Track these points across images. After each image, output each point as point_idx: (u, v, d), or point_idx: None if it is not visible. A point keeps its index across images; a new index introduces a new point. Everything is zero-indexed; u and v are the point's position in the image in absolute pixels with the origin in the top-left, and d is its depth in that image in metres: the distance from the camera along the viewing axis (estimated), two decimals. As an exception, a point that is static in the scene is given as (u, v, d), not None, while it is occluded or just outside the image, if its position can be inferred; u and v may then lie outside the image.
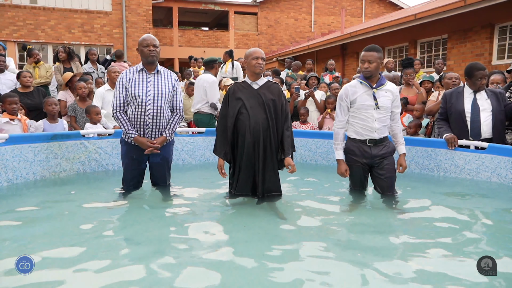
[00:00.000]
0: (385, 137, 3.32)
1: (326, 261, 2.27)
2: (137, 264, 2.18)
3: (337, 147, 3.37)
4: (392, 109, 3.30)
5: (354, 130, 3.32)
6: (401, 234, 2.68)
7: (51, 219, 2.99)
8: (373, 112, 3.22)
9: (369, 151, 3.29)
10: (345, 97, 3.30)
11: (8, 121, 4.43)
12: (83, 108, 5.16)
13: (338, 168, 3.38)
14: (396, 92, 3.31)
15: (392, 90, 3.28)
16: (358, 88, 3.27)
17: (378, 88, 3.23)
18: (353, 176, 3.43)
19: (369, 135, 3.27)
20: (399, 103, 3.35)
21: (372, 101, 3.22)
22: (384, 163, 3.32)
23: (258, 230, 2.77)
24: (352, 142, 3.35)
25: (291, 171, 3.27)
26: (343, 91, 3.32)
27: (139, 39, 3.42)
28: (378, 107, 3.21)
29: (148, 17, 16.03)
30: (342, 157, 3.37)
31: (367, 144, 3.28)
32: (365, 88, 3.24)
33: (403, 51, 12.19)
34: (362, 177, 3.42)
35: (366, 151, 3.29)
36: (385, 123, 3.28)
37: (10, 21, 14.30)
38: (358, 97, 3.24)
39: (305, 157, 5.20)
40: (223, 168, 3.34)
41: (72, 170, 4.38)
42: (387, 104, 3.24)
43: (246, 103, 3.24)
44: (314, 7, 21.31)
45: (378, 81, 3.25)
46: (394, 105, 3.30)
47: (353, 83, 3.34)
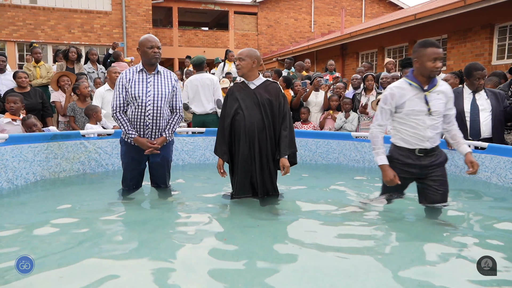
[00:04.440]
0: (437, 146, 2.86)
1: (325, 261, 2.27)
2: (137, 264, 2.18)
3: (378, 151, 2.87)
4: (446, 112, 2.82)
5: (402, 137, 2.85)
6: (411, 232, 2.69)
7: (50, 219, 2.98)
8: (425, 119, 2.74)
9: (418, 161, 2.83)
10: (390, 99, 2.79)
11: (10, 121, 4.43)
12: (82, 108, 5.16)
13: (385, 175, 2.84)
14: (450, 92, 2.84)
15: (445, 91, 2.80)
16: (407, 91, 2.76)
17: (431, 90, 2.75)
18: (390, 187, 2.97)
19: (420, 145, 2.80)
20: (452, 105, 2.87)
21: (423, 105, 2.73)
22: (436, 174, 2.86)
23: (258, 230, 2.77)
24: (398, 150, 2.89)
25: (284, 173, 3.20)
26: (389, 93, 2.80)
27: (140, 39, 3.40)
28: (431, 113, 2.73)
29: (148, 17, 16.03)
30: (386, 162, 2.85)
31: (416, 154, 2.83)
32: (415, 91, 2.75)
33: (403, 51, 12.19)
34: (405, 186, 3.01)
35: (414, 162, 2.83)
36: (438, 130, 2.81)
37: (10, 21, 14.29)
38: (407, 101, 2.75)
39: (305, 157, 5.20)
40: (222, 168, 3.32)
41: (72, 170, 4.38)
42: (440, 108, 2.76)
43: (242, 104, 3.23)
44: (314, 7, 21.30)
45: (431, 81, 2.76)
46: (447, 107, 2.82)
47: (400, 84, 2.81)
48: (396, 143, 2.90)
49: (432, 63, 2.65)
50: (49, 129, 4.73)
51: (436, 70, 2.66)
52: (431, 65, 2.65)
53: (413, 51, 2.77)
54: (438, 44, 2.71)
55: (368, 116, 5.76)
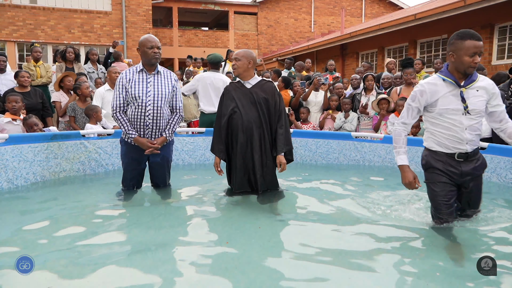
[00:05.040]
0: (477, 148, 2.58)
1: (326, 261, 2.27)
2: (136, 265, 2.18)
3: (399, 150, 2.61)
4: (492, 109, 2.51)
5: (436, 140, 2.55)
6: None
7: (51, 219, 2.98)
8: (461, 119, 2.45)
9: (459, 167, 2.53)
10: (419, 97, 2.51)
11: (10, 121, 4.43)
12: (82, 108, 5.16)
13: (403, 176, 2.58)
14: (493, 88, 2.50)
15: (487, 87, 2.48)
16: (440, 87, 2.47)
17: (468, 86, 2.45)
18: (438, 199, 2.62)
19: (459, 148, 2.50)
20: (500, 101, 2.53)
21: (459, 103, 2.44)
22: (475, 183, 2.62)
23: (259, 231, 2.77)
24: (434, 156, 2.58)
25: (281, 170, 3.28)
26: (418, 90, 2.52)
27: (140, 39, 3.40)
28: (468, 111, 2.43)
29: (148, 17, 16.03)
30: (406, 162, 2.59)
31: (455, 159, 2.52)
32: (450, 87, 2.46)
33: (403, 51, 12.19)
34: (452, 201, 2.66)
35: (454, 167, 2.53)
36: (477, 132, 2.51)
37: (10, 21, 14.30)
38: (440, 99, 2.46)
39: (305, 157, 5.20)
40: (219, 166, 3.40)
41: (72, 170, 4.38)
42: (480, 106, 2.46)
43: (239, 103, 3.31)
44: (314, 7, 21.31)
45: (469, 76, 2.46)
46: (492, 104, 2.50)
47: (432, 80, 2.52)
48: (431, 147, 2.58)
49: (469, 58, 2.35)
50: (49, 129, 4.73)
51: (474, 66, 2.37)
52: (468, 60, 2.35)
53: (449, 43, 2.47)
54: (479, 36, 2.38)
55: (368, 116, 5.76)
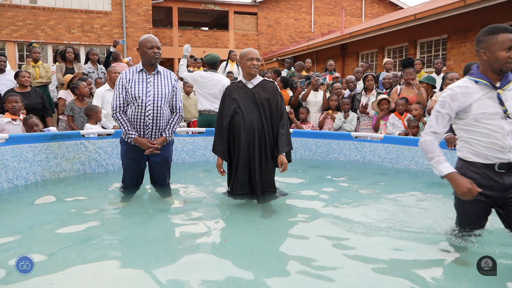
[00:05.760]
0: None
1: (326, 261, 2.28)
2: (136, 264, 2.19)
3: (438, 159, 2.26)
4: None
5: (473, 150, 2.27)
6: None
7: (51, 219, 2.99)
8: (502, 123, 2.18)
9: (500, 180, 2.22)
10: (450, 102, 2.24)
11: (10, 121, 4.43)
12: (80, 107, 5.17)
13: (457, 186, 2.20)
14: None
15: None
16: (473, 90, 2.23)
17: (505, 88, 2.22)
18: (467, 213, 2.36)
19: (500, 158, 2.21)
20: None
21: (497, 107, 2.19)
22: None
23: (258, 230, 2.77)
24: (471, 167, 2.28)
25: (282, 170, 3.27)
26: (448, 94, 2.26)
27: (140, 39, 3.40)
28: (508, 115, 2.18)
29: (148, 17, 16.03)
30: (453, 169, 2.24)
31: (495, 170, 2.22)
32: (484, 90, 2.22)
33: (403, 51, 12.19)
34: (482, 214, 2.34)
35: (494, 181, 2.22)
36: None
37: (10, 21, 14.29)
38: (474, 103, 2.21)
39: (305, 157, 5.20)
40: (221, 167, 3.38)
41: (72, 170, 4.38)
42: None
43: (241, 103, 3.29)
44: (314, 7, 21.31)
45: (504, 76, 2.23)
46: None
47: (463, 83, 2.27)
48: (466, 158, 2.30)
49: (506, 52, 2.13)
50: (49, 129, 4.74)
51: (511, 61, 2.14)
52: (504, 56, 2.13)
53: (478, 40, 2.26)
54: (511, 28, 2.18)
55: (368, 116, 5.76)
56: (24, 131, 4.49)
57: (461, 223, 2.42)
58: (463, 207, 2.36)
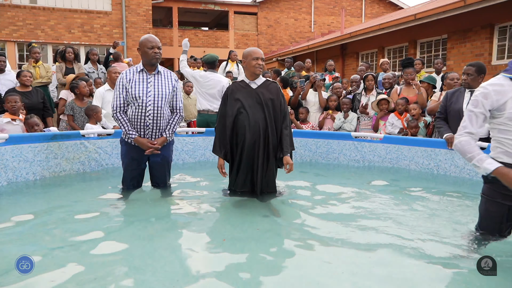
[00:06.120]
0: None
1: (326, 261, 2.28)
2: (135, 264, 2.19)
3: (480, 158, 2.12)
4: None
5: (505, 150, 2.16)
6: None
7: (51, 219, 2.99)
8: None
9: None
10: (483, 100, 2.14)
11: (10, 121, 4.43)
12: (80, 107, 5.17)
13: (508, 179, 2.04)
14: None
15: None
16: (507, 87, 2.11)
17: None
18: (489, 217, 2.29)
19: None
20: None
21: None
22: None
23: (258, 230, 2.77)
24: None
25: (288, 171, 3.27)
26: (481, 93, 2.16)
27: (140, 40, 3.40)
28: None
29: (148, 17, 16.04)
30: (498, 164, 2.09)
31: None
32: None
33: (403, 51, 12.19)
34: (504, 219, 2.26)
35: None
36: None
37: (10, 21, 14.30)
38: (510, 101, 2.10)
39: (305, 157, 5.20)
40: (223, 168, 3.37)
41: (72, 170, 4.38)
42: None
43: (245, 103, 3.27)
44: (314, 7, 21.32)
45: None
46: None
47: (496, 81, 2.16)
48: (498, 158, 2.19)
49: None
50: (50, 129, 4.74)
51: None
52: None
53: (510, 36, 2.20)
54: None
55: (368, 116, 5.76)
56: (24, 130, 4.50)
57: (481, 225, 2.35)
58: (486, 209, 2.29)
